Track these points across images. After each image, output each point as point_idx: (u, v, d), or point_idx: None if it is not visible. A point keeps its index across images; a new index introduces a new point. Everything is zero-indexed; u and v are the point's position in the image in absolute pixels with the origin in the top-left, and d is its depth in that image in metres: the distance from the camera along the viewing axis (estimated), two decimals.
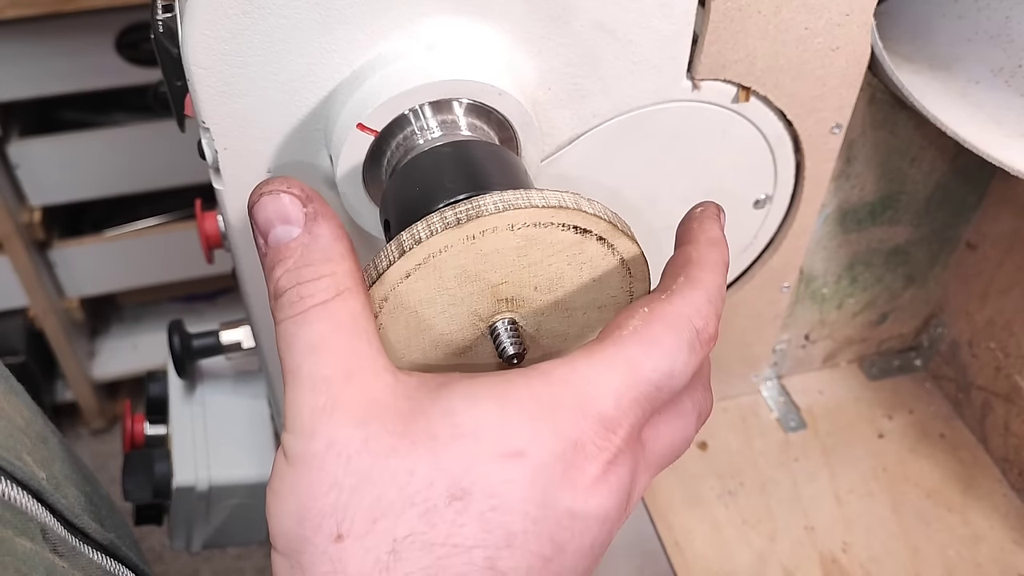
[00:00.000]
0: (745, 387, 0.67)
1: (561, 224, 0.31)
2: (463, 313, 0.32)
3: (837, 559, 0.59)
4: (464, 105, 0.38)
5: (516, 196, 0.30)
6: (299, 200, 0.30)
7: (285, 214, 0.30)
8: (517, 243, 0.31)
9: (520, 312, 0.33)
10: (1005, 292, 0.62)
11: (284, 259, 0.29)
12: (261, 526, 0.67)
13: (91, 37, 1.17)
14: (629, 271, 0.33)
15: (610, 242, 0.32)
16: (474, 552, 0.25)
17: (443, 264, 0.31)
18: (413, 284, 0.31)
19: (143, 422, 0.67)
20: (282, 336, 0.29)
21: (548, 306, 0.33)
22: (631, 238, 0.32)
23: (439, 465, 0.26)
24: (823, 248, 0.60)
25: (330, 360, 0.28)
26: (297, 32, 0.37)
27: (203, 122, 0.39)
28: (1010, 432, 0.62)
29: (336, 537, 0.26)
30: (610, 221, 0.32)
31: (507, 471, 0.26)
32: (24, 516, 0.35)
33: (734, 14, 0.42)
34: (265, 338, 0.50)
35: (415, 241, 0.30)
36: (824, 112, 0.49)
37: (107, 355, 1.52)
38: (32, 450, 0.38)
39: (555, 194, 0.31)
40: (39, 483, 0.36)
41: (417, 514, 0.26)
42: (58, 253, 1.34)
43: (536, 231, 0.31)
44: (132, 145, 1.27)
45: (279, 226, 0.30)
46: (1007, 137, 0.48)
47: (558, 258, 0.32)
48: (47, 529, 0.36)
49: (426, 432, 0.26)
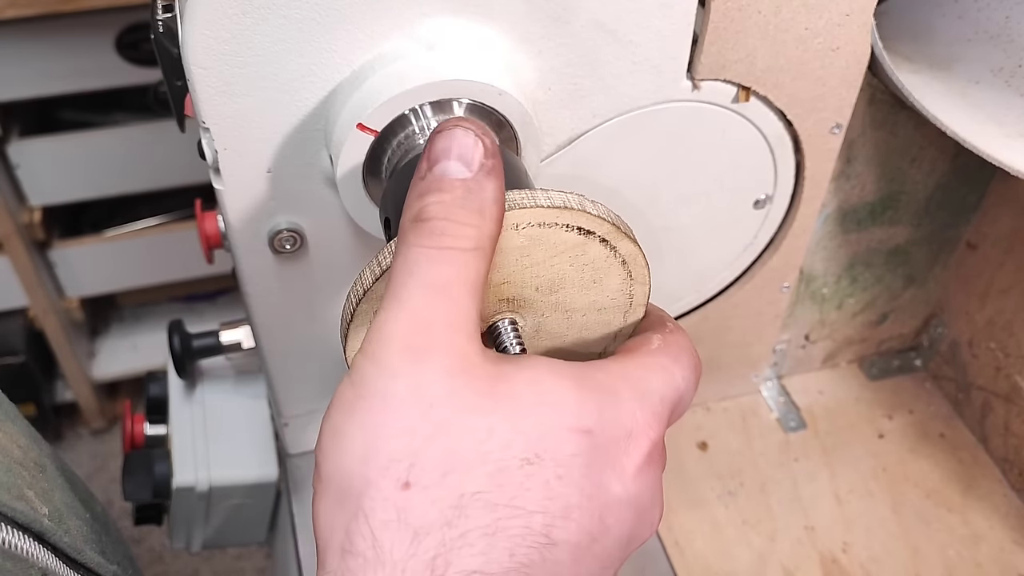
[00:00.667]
0: (745, 387, 0.67)
1: (565, 225, 0.31)
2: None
3: (837, 559, 0.58)
4: (464, 105, 0.38)
5: (521, 195, 0.30)
6: (484, 150, 0.30)
7: (466, 154, 0.29)
8: (520, 243, 0.31)
9: (520, 312, 0.33)
10: (1005, 292, 0.62)
11: (443, 190, 0.29)
12: (261, 526, 0.67)
13: (91, 37, 1.17)
14: (630, 274, 0.33)
15: (612, 244, 0.32)
16: (534, 517, 0.26)
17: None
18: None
19: (143, 422, 0.67)
20: (407, 260, 0.28)
21: (548, 307, 0.33)
22: (633, 240, 0.32)
23: (517, 428, 0.26)
24: (823, 248, 0.60)
25: (441, 306, 0.27)
26: (297, 32, 0.37)
27: (203, 122, 0.39)
28: (1010, 432, 0.62)
29: (403, 484, 0.25)
30: (613, 223, 0.32)
31: (576, 445, 0.27)
32: (25, 563, 0.34)
33: (734, 14, 0.42)
34: (265, 338, 0.50)
35: None
36: (824, 112, 0.49)
37: (107, 355, 1.51)
38: (32, 483, 0.38)
39: (560, 194, 0.31)
40: (41, 524, 0.36)
41: (487, 473, 0.25)
42: (58, 253, 1.34)
43: (540, 231, 0.31)
44: (132, 145, 1.27)
45: (454, 161, 0.29)
46: (1007, 137, 0.48)
47: (560, 259, 0.32)
48: (49, 572, 0.35)
49: (509, 395, 0.27)
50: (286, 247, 0.44)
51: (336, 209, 0.43)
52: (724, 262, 0.56)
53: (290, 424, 0.57)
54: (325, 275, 0.47)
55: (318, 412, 0.57)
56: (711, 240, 0.53)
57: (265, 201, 0.42)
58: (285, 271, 0.46)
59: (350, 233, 0.45)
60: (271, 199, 0.42)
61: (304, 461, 0.60)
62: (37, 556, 0.35)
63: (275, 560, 0.68)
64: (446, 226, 0.28)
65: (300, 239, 0.44)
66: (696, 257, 0.54)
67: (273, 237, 0.44)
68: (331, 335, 0.51)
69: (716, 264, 0.55)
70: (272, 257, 0.45)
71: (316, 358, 0.52)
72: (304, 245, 0.45)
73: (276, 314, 0.48)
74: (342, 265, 0.47)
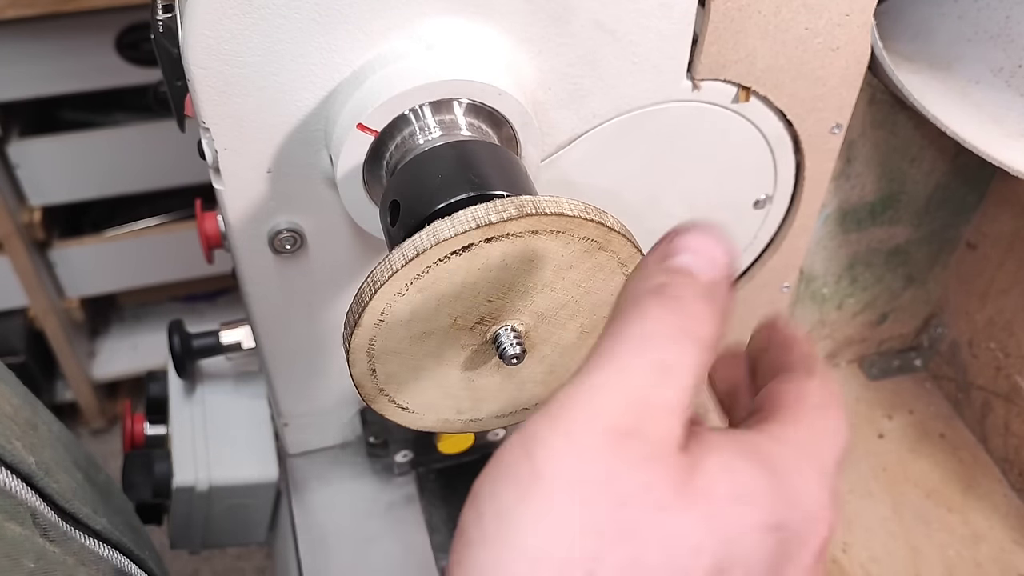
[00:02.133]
0: None
1: (572, 233, 0.31)
2: (468, 320, 0.33)
3: (837, 559, 0.58)
4: (464, 105, 0.38)
5: (525, 202, 0.30)
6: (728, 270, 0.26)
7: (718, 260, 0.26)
8: (526, 251, 0.31)
9: (521, 319, 0.33)
10: (1005, 292, 0.62)
11: (695, 277, 0.25)
12: (261, 526, 0.67)
13: (91, 37, 1.17)
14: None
15: (614, 249, 0.32)
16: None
17: (449, 271, 0.31)
18: (413, 296, 0.31)
19: (143, 422, 0.67)
20: (643, 329, 0.24)
21: (550, 312, 0.33)
22: (635, 245, 0.32)
23: (711, 529, 0.22)
24: (823, 248, 0.60)
25: (668, 388, 0.23)
26: (297, 32, 0.37)
27: (203, 122, 0.39)
28: (1010, 432, 0.62)
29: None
30: (616, 230, 0.32)
31: (767, 546, 0.23)
32: (14, 500, 0.34)
33: (734, 14, 0.42)
34: (265, 338, 0.50)
35: (434, 240, 0.30)
36: (824, 112, 0.49)
37: (107, 355, 1.51)
38: (21, 436, 0.37)
39: (573, 203, 0.31)
40: (28, 467, 0.35)
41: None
42: (58, 253, 1.34)
43: (547, 239, 0.31)
44: (132, 145, 1.27)
45: (707, 258, 0.26)
46: (1007, 137, 0.48)
47: (568, 271, 0.32)
48: (37, 513, 0.35)
49: (705, 489, 0.23)
50: (286, 247, 0.44)
51: (336, 209, 0.43)
52: None
53: (290, 424, 0.57)
54: (325, 275, 0.47)
55: (318, 412, 0.57)
56: None
57: (265, 201, 0.42)
58: (285, 271, 0.46)
59: (350, 233, 0.45)
60: (271, 199, 0.42)
61: (304, 461, 0.60)
62: (24, 497, 0.34)
63: (275, 560, 0.69)
64: (696, 311, 0.24)
65: (300, 239, 0.44)
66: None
67: (273, 237, 0.44)
68: (331, 335, 0.51)
69: None
70: (272, 257, 0.45)
71: (316, 358, 0.52)
72: (304, 245, 0.45)
73: (276, 314, 0.48)
74: (342, 265, 0.47)
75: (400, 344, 0.32)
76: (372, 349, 0.32)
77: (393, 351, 0.32)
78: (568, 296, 0.33)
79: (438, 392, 0.35)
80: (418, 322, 0.32)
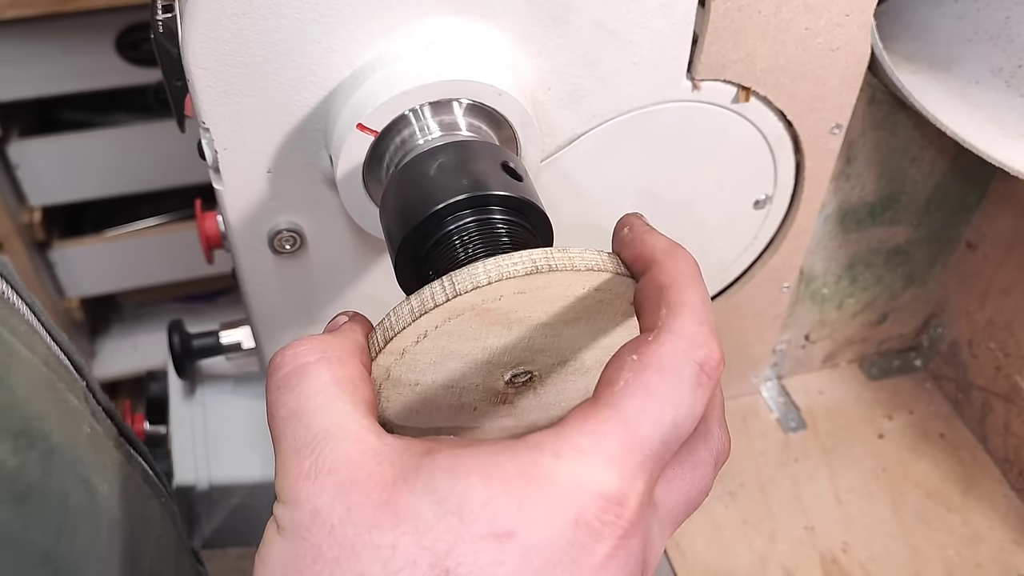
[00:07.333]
0: (745, 387, 0.67)
1: (587, 286, 0.30)
2: (479, 369, 0.32)
3: (837, 559, 0.58)
4: (464, 105, 0.38)
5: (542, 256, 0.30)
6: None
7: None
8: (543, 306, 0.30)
9: (533, 367, 0.33)
10: (1005, 292, 0.62)
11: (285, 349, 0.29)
12: (261, 526, 0.67)
13: (91, 37, 1.17)
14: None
15: (628, 299, 0.31)
16: None
17: (461, 324, 0.30)
18: (427, 344, 0.30)
19: (143, 422, 0.67)
20: (268, 407, 0.28)
21: (561, 360, 0.33)
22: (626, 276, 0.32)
23: (422, 543, 0.24)
24: (823, 248, 0.60)
25: (310, 424, 0.27)
26: (297, 32, 0.37)
27: (203, 122, 0.39)
28: (1010, 432, 0.62)
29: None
30: (627, 275, 0.31)
31: (495, 553, 0.24)
32: (71, 377, 0.36)
33: (734, 14, 0.42)
34: (265, 338, 0.50)
35: (447, 296, 0.29)
36: (824, 112, 0.49)
37: (107, 355, 1.51)
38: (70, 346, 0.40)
39: (587, 256, 0.30)
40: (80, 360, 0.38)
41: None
42: (58, 253, 1.34)
43: (560, 293, 0.30)
44: (132, 145, 1.27)
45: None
46: (1007, 137, 0.48)
47: (578, 320, 0.32)
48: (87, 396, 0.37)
49: (409, 506, 0.25)
50: (286, 247, 0.44)
51: (336, 209, 0.43)
52: (724, 262, 0.56)
53: None
54: (325, 275, 0.47)
55: None
56: (711, 240, 0.53)
57: (265, 201, 0.42)
58: (285, 271, 0.46)
59: (350, 233, 0.45)
60: (271, 199, 0.42)
61: None
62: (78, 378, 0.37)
63: None
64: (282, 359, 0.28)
65: (300, 239, 0.44)
66: (696, 257, 0.54)
67: (273, 237, 0.44)
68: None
69: (716, 264, 0.55)
70: (272, 257, 0.45)
71: None
72: (304, 245, 0.45)
73: (276, 314, 0.48)
74: (342, 265, 0.47)
75: (414, 376, 0.32)
76: (386, 378, 0.31)
77: (405, 383, 0.32)
78: (579, 343, 0.33)
79: (436, 421, 0.35)
80: (441, 361, 0.31)
